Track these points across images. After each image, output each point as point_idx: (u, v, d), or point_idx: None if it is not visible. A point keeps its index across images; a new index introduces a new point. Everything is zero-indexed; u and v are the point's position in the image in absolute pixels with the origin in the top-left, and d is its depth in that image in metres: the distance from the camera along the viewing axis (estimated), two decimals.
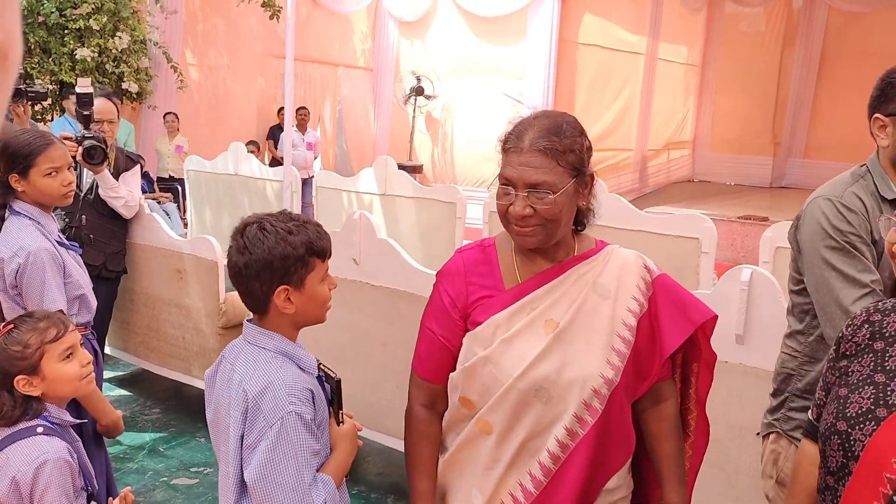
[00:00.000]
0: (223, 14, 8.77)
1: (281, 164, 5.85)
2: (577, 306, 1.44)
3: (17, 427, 1.84)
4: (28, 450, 1.79)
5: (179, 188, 7.43)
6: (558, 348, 1.43)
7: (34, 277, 2.15)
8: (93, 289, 2.37)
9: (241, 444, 1.43)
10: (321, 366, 1.56)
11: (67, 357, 1.83)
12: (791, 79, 12.58)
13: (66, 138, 3.18)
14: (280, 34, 9.15)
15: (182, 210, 7.32)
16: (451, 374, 1.52)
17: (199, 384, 3.65)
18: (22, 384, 1.81)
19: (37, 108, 6.57)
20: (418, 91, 9.89)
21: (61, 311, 2.22)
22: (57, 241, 2.23)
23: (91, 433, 2.16)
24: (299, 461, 1.38)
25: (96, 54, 6.91)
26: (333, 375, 1.53)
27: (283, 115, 9.37)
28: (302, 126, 8.99)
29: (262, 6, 7.79)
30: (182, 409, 3.91)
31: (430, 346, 1.55)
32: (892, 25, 11.43)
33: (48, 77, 6.78)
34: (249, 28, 9.06)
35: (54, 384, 1.84)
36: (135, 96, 7.45)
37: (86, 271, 2.32)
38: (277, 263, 1.44)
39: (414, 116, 10.03)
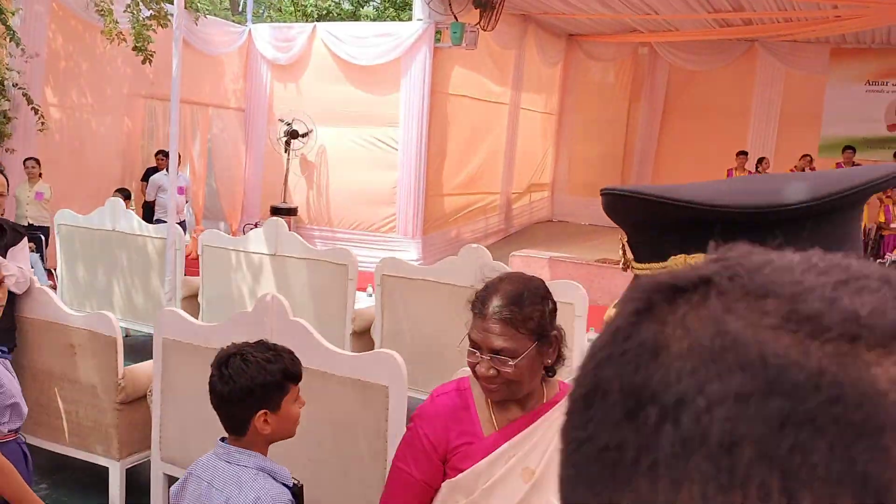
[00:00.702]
0: (87, 54, 8.46)
1: (137, 217, 5.74)
2: (550, 453, 1.47)
3: None
4: None
5: (42, 237, 7.07)
6: (537, 496, 1.47)
7: None
8: None
9: None
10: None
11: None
12: (637, 128, 13.83)
13: None
14: (149, 75, 8.94)
15: (44, 260, 6.97)
16: None
17: (95, 459, 3.60)
18: None
19: None
20: (292, 134, 9.96)
21: None
22: None
23: None
24: None
25: None
26: (296, 482, 1.72)
27: (159, 158, 9.12)
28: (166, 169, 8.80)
29: (134, 50, 7.64)
30: (71, 482, 3.81)
31: (407, 488, 1.56)
32: (726, 84, 12.93)
33: None
34: (116, 68, 8.78)
35: None
36: None
37: (15, 376, 2.33)
38: (259, 391, 1.64)
39: (288, 159, 10.08)
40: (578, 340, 3.99)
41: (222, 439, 1.73)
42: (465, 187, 10.92)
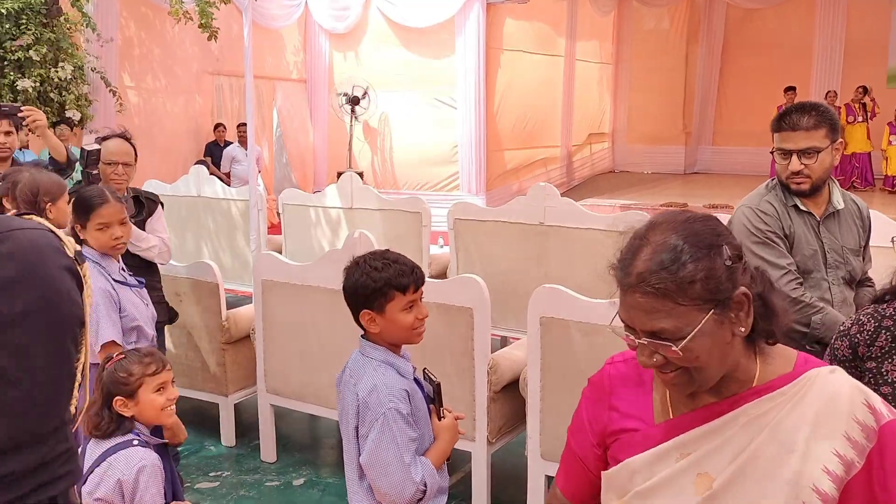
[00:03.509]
0: (158, 38, 8.86)
1: (221, 181, 6.11)
2: (744, 459, 1.08)
3: (115, 440, 2.17)
4: (129, 457, 2.13)
5: None
6: None
7: (90, 312, 2.46)
8: None
9: (357, 434, 1.83)
10: (426, 371, 1.97)
11: (159, 390, 2.18)
12: (696, 72, 13.54)
13: None
14: (214, 52, 9.30)
15: None
16: None
17: (204, 397, 3.94)
18: (119, 405, 2.15)
19: None
20: (354, 101, 10.20)
21: (114, 341, 2.52)
22: (116, 280, 2.53)
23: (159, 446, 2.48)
24: (400, 446, 1.78)
25: (38, 84, 6.94)
26: (434, 379, 1.93)
27: (219, 131, 9.54)
28: (243, 142, 9.18)
29: (200, 27, 7.96)
30: (184, 422, 4.18)
31: (568, 461, 1.33)
32: (787, 18, 12.52)
33: None
34: (184, 49, 9.16)
35: (144, 410, 2.19)
36: (76, 123, 7.50)
37: (147, 303, 2.63)
38: (360, 293, 1.86)
39: (351, 126, 10.34)
40: None
41: (363, 336, 1.96)
42: (525, 141, 10.98)
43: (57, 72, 7.00)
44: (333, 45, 10.66)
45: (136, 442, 2.16)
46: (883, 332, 1.63)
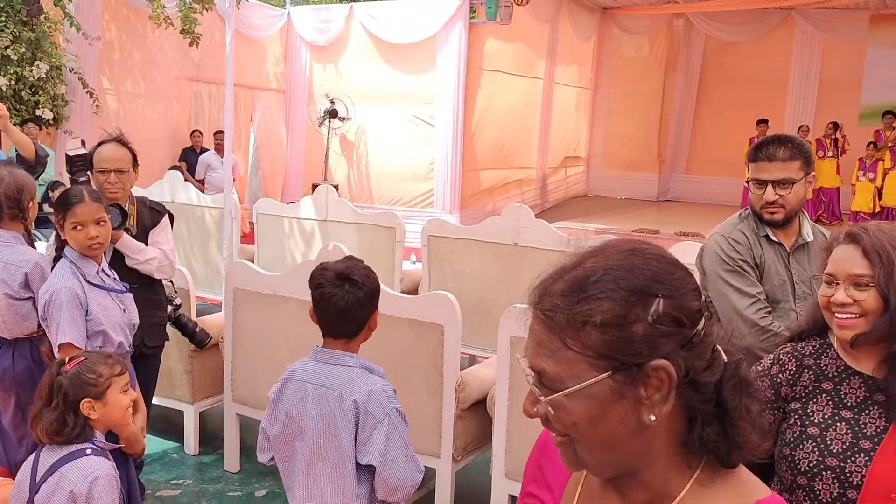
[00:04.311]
0: (139, 42, 8.81)
1: (195, 188, 6.08)
2: None
3: (70, 449, 2.14)
4: (82, 468, 2.09)
5: None
6: None
7: (53, 311, 2.45)
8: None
9: (356, 441, 1.89)
10: None
11: (125, 391, 2.16)
12: (673, 101, 13.80)
13: None
14: (195, 58, 9.27)
15: None
16: None
17: (169, 404, 3.89)
18: (86, 407, 2.11)
19: None
20: (332, 113, 10.21)
21: (70, 343, 2.49)
22: (90, 282, 2.51)
23: (116, 454, 2.45)
24: (405, 442, 1.91)
25: (13, 82, 6.86)
26: None
27: (195, 137, 9.49)
28: (219, 149, 9.14)
29: (182, 33, 7.94)
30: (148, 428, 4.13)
31: None
32: (764, 52, 12.85)
33: None
34: (165, 54, 9.12)
35: (111, 411, 2.16)
36: (50, 122, 7.42)
37: (125, 309, 2.60)
38: (378, 292, 2.00)
39: (328, 138, 10.35)
40: None
41: (319, 348, 1.99)
42: (501, 162, 11.08)
43: (31, 70, 6.92)
44: (314, 57, 10.69)
45: (89, 451, 2.12)
46: (805, 371, 1.57)
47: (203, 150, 9.42)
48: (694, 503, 0.82)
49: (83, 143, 3.94)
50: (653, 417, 0.79)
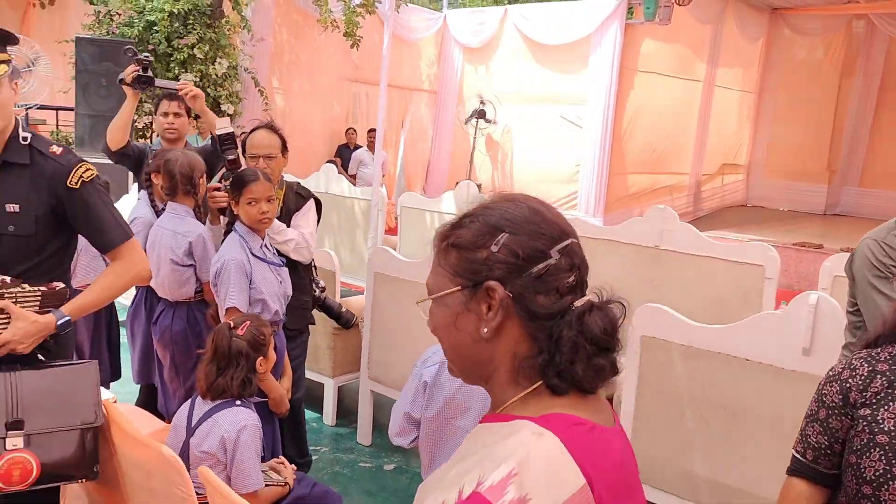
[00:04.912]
0: (306, 44, 9.42)
1: (347, 181, 6.41)
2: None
3: (221, 400, 2.36)
4: (233, 416, 2.31)
5: None
6: None
7: (223, 279, 2.70)
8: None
9: None
10: None
11: (273, 348, 2.40)
12: (848, 107, 12.71)
13: (215, 189, 3.11)
14: (354, 60, 9.77)
15: None
16: None
17: (312, 376, 4.14)
18: (259, 364, 2.38)
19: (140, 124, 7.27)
20: (480, 114, 10.38)
21: (236, 307, 2.73)
22: (254, 255, 2.76)
23: (264, 411, 2.66)
24: None
25: (198, 79, 7.57)
26: None
27: (349, 134, 10.00)
28: (372, 147, 9.57)
29: (345, 35, 8.40)
30: None
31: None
32: None
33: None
34: (328, 56, 9.69)
35: (268, 366, 2.43)
36: (230, 115, 8.11)
37: (282, 281, 2.84)
38: None
39: (475, 138, 10.52)
40: (767, 302, 3.94)
41: None
42: (652, 166, 10.73)
43: (214, 68, 7.60)
44: (466, 59, 10.90)
45: (238, 403, 2.35)
46: (878, 376, 1.49)
47: (356, 147, 9.90)
48: (513, 411, 0.94)
49: (231, 121, 4.13)
50: (485, 330, 0.94)
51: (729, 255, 4.14)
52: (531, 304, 0.93)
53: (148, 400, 3.42)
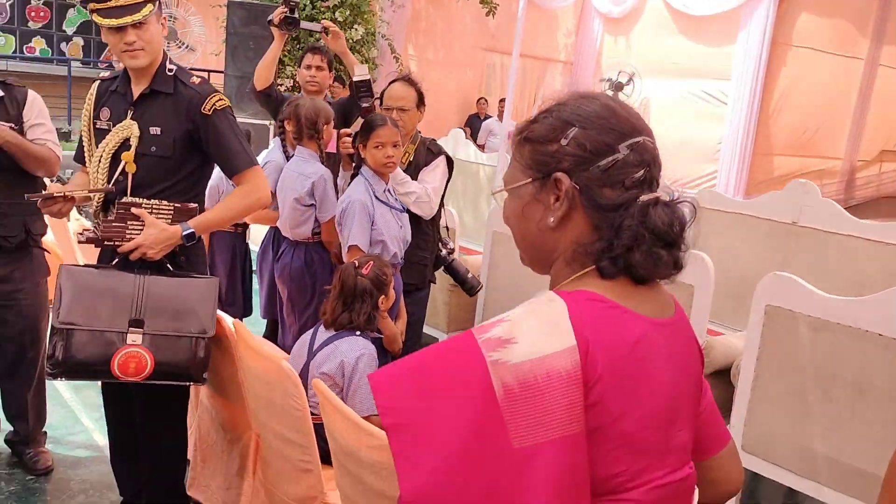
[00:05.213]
0: (443, 12, 9.51)
1: (474, 147, 6.44)
2: None
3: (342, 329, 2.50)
4: (353, 344, 2.44)
5: None
6: None
7: (347, 218, 2.84)
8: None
9: None
10: None
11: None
12: None
13: (346, 135, 3.19)
14: (490, 28, 9.76)
15: None
16: None
17: (427, 330, 4.25)
18: (382, 301, 2.51)
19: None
20: (617, 86, 10.07)
21: (357, 246, 2.85)
22: (377, 198, 2.87)
23: (379, 347, 2.78)
24: None
25: None
26: None
27: (480, 104, 10.03)
28: (501, 116, 9.57)
29: (481, 3, 8.41)
30: (404, 353, 4.59)
31: None
32: None
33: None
34: (464, 24, 9.74)
35: (390, 303, 2.56)
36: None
37: (402, 226, 2.93)
38: None
39: None
40: None
41: None
42: (800, 148, 10.02)
43: (351, 34, 7.85)
44: (606, 29, 10.60)
45: (357, 332, 2.48)
46: None
47: (487, 117, 9.93)
48: (562, 289, 0.96)
49: (368, 69, 4.20)
50: (552, 220, 0.98)
51: (874, 235, 3.81)
52: (597, 195, 0.96)
53: (272, 334, 3.65)
